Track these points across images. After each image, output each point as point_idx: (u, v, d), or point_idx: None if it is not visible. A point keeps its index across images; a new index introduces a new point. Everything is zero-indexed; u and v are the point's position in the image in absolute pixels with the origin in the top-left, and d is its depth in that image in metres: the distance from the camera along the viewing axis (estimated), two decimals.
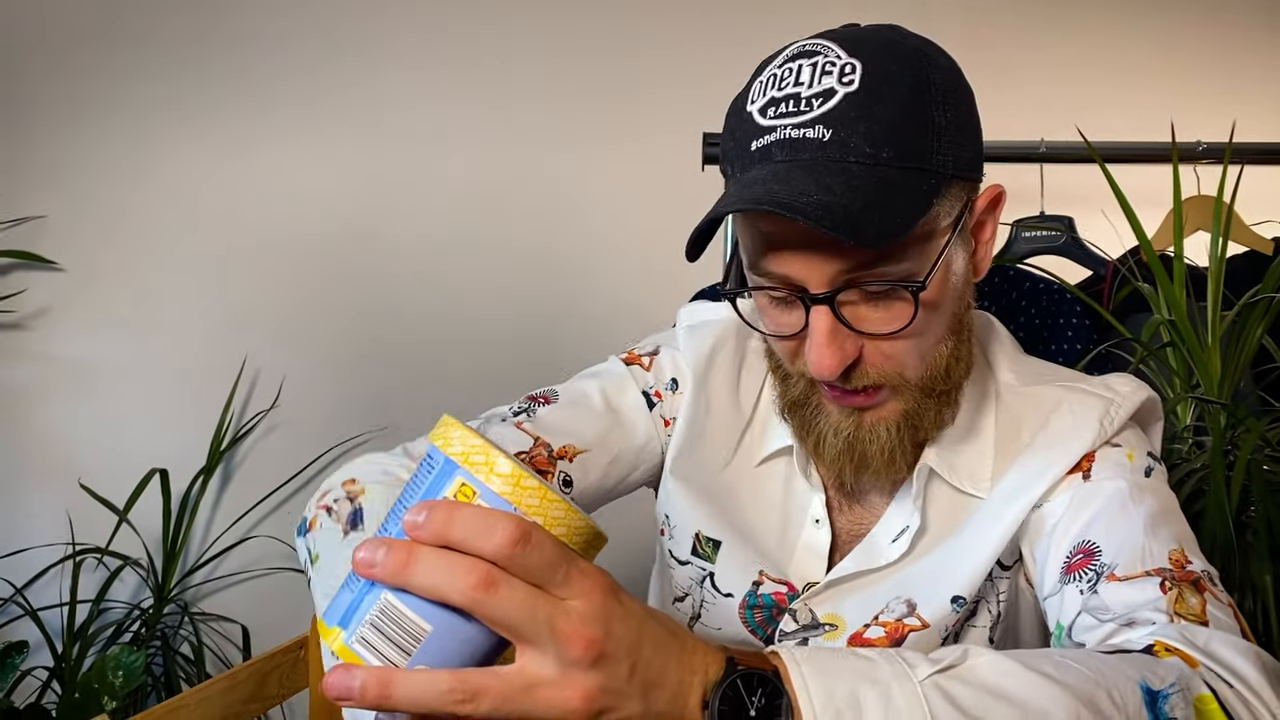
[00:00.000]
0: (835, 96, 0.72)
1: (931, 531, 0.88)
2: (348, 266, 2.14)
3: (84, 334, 2.16)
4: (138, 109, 2.16)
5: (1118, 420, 0.86)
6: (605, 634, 0.48)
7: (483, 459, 0.49)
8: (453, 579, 0.46)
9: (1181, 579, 0.72)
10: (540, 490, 0.49)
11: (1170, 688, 0.58)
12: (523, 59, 2.13)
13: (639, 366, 1.01)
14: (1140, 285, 1.37)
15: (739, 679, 0.52)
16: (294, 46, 2.15)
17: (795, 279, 0.75)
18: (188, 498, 2.10)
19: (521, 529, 0.47)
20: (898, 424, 0.81)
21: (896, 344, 0.77)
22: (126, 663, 1.49)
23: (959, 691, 0.54)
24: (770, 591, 0.91)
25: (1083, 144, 1.49)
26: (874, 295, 0.75)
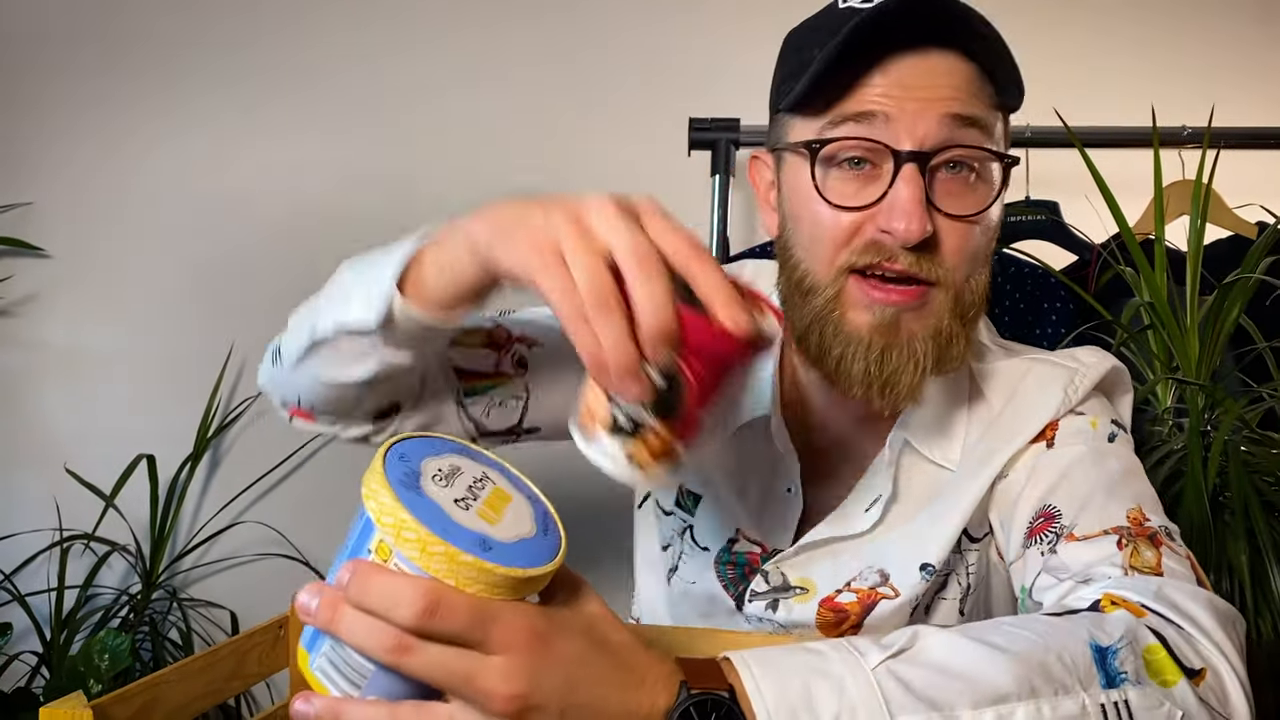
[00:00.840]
0: None
1: (903, 501, 0.89)
2: (335, 253, 2.13)
3: (71, 321, 2.16)
4: (125, 96, 2.15)
5: (1081, 389, 0.87)
6: (529, 687, 0.49)
7: (391, 520, 0.50)
8: (374, 640, 0.49)
9: (1138, 535, 0.73)
10: (447, 553, 0.49)
11: (1119, 642, 0.59)
12: (505, 45, 2.13)
13: None
14: (1122, 269, 1.37)
15: (692, 706, 0.52)
16: (283, 37, 2.15)
17: (894, 126, 0.75)
18: (175, 484, 2.10)
19: (429, 600, 0.48)
20: (930, 341, 0.79)
21: (963, 237, 0.77)
22: (113, 646, 1.50)
23: (910, 674, 0.54)
24: (744, 550, 0.92)
25: (1072, 129, 1.50)
26: (955, 175, 0.77)
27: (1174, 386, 1.30)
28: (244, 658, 0.92)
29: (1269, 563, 1.07)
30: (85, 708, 0.67)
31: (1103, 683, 0.57)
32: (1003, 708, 0.54)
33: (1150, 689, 0.58)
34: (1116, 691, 0.57)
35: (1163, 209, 1.35)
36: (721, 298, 0.55)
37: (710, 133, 1.67)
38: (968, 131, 0.75)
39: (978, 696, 0.54)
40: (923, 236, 0.75)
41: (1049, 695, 0.55)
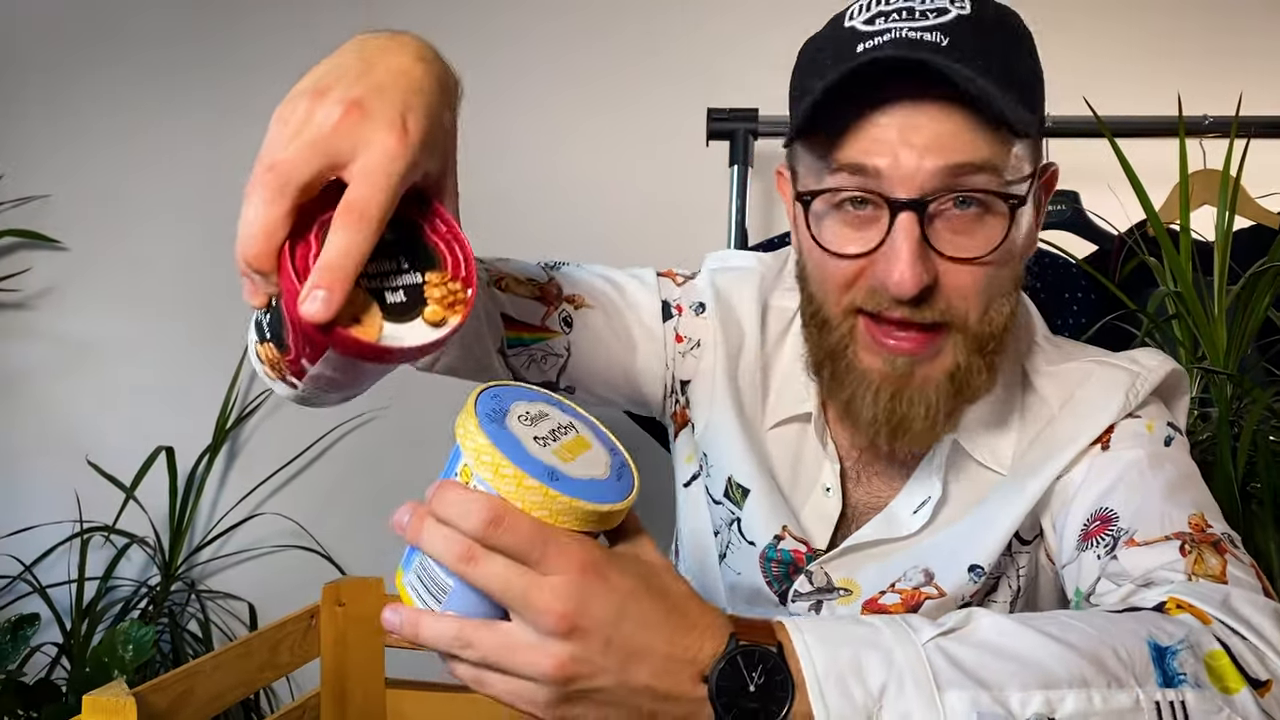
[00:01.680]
0: (950, 14, 0.73)
1: (952, 504, 0.88)
2: None
3: (89, 313, 2.17)
4: (141, 88, 2.16)
5: (1142, 393, 0.85)
6: (578, 609, 0.52)
7: (473, 445, 0.55)
8: (445, 548, 0.53)
9: (1201, 541, 0.71)
10: (516, 476, 0.53)
11: (1179, 644, 0.58)
12: (522, 34, 2.13)
13: (670, 280, 1.00)
14: (1147, 258, 1.37)
15: (739, 655, 0.53)
16: (297, 28, 2.15)
17: (887, 177, 0.72)
18: (194, 476, 2.10)
19: (494, 514, 0.52)
20: (945, 384, 0.78)
21: (973, 276, 0.74)
22: (136, 637, 1.50)
23: (961, 652, 0.55)
24: (790, 548, 0.91)
25: (1088, 118, 1.49)
26: (962, 215, 0.73)
27: (1200, 376, 1.30)
28: (276, 648, 0.93)
29: None
30: (128, 695, 0.67)
31: (1159, 681, 0.56)
32: (1052, 693, 0.53)
33: (1210, 693, 0.57)
34: (1174, 691, 0.56)
35: (1188, 198, 1.34)
36: (318, 276, 0.52)
37: (728, 123, 1.66)
38: (970, 177, 0.72)
39: (1027, 679, 0.54)
40: (917, 290, 0.72)
41: (1101, 686, 0.54)
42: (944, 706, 0.52)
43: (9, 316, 2.16)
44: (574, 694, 0.52)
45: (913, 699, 0.52)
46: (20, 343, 2.17)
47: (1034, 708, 0.53)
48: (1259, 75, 1.98)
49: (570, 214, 2.12)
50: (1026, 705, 0.53)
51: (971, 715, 0.52)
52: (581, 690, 0.52)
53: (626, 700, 0.53)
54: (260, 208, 0.56)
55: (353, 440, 2.10)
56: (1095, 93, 1.61)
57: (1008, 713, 0.53)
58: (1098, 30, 2.05)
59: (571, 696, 0.53)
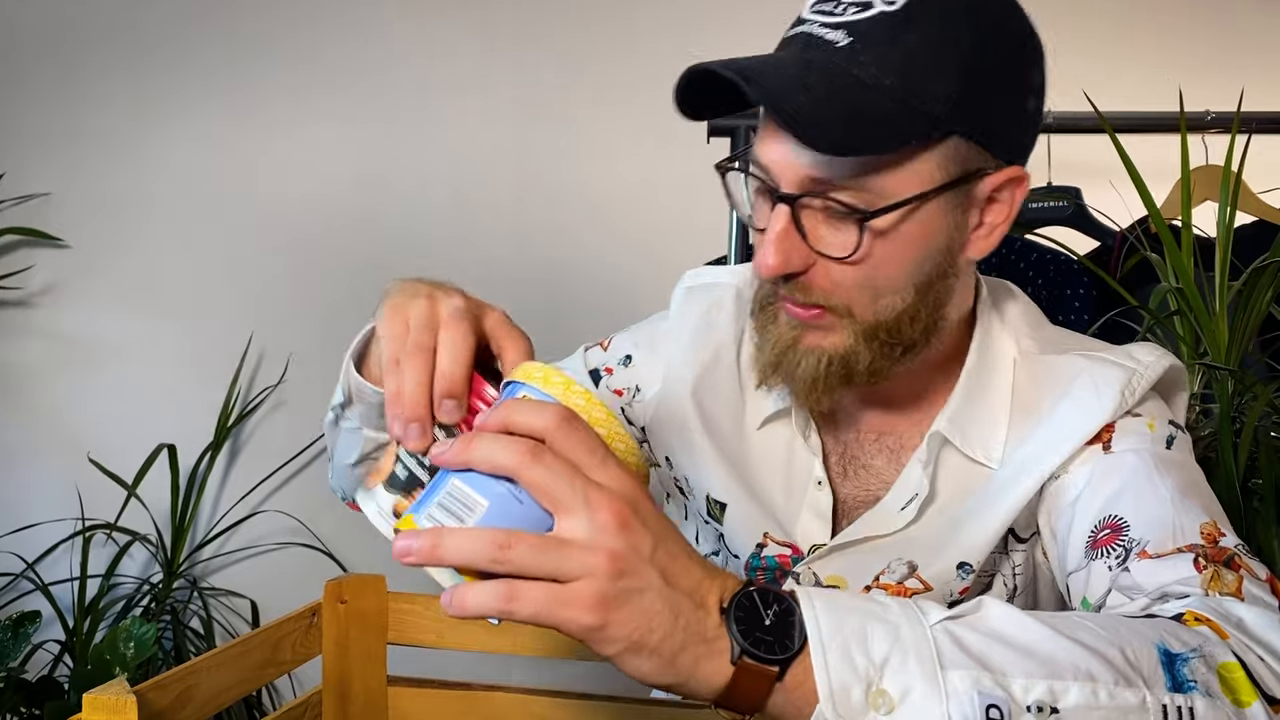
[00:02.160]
0: (870, 10, 0.73)
1: (941, 499, 0.87)
2: (352, 243, 2.14)
3: (90, 311, 2.17)
4: (143, 86, 2.16)
5: (1139, 390, 0.84)
6: (632, 510, 0.53)
7: (540, 374, 0.58)
8: (505, 448, 0.53)
9: (1215, 556, 0.70)
10: (586, 394, 0.58)
11: (1191, 652, 0.57)
12: (521, 32, 2.13)
13: (598, 349, 1.05)
14: (1149, 255, 1.37)
15: (755, 592, 0.55)
16: (299, 27, 2.15)
17: (773, 172, 0.77)
18: (195, 473, 2.11)
19: (567, 411, 0.55)
20: (830, 358, 0.81)
21: (845, 273, 0.77)
22: (138, 634, 1.50)
23: (967, 636, 0.54)
24: (774, 554, 0.91)
25: (1089, 114, 1.49)
26: (833, 215, 0.76)
27: (1202, 372, 1.29)
28: (277, 645, 0.93)
29: None
30: (129, 693, 0.67)
31: (1169, 685, 0.55)
32: (1056, 683, 0.53)
33: (1221, 703, 0.56)
34: (1183, 697, 0.55)
35: (1189, 193, 1.34)
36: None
37: (729, 119, 1.66)
38: (836, 187, 0.75)
39: (1032, 668, 0.53)
40: (779, 271, 0.77)
41: (1108, 683, 0.54)
42: (945, 684, 0.52)
43: (10, 314, 2.16)
44: (621, 592, 0.52)
45: (914, 673, 0.52)
46: (21, 341, 2.17)
47: (1036, 695, 0.53)
48: (1261, 70, 1.97)
49: (570, 214, 2.12)
50: (1029, 692, 0.53)
51: (973, 694, 0.52)
52: (628, 589, 0.52)
53: (667, 608, 0.52)
54: (456, 343, 0.63)
55: None
56: (1097, 88, 1.61)
57: (1009, 696, 0.52)
58: (1100, 25, 2.04)
59: (619, 595, 0.51)
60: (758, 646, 0.53)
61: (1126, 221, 1.60)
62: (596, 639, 0.52)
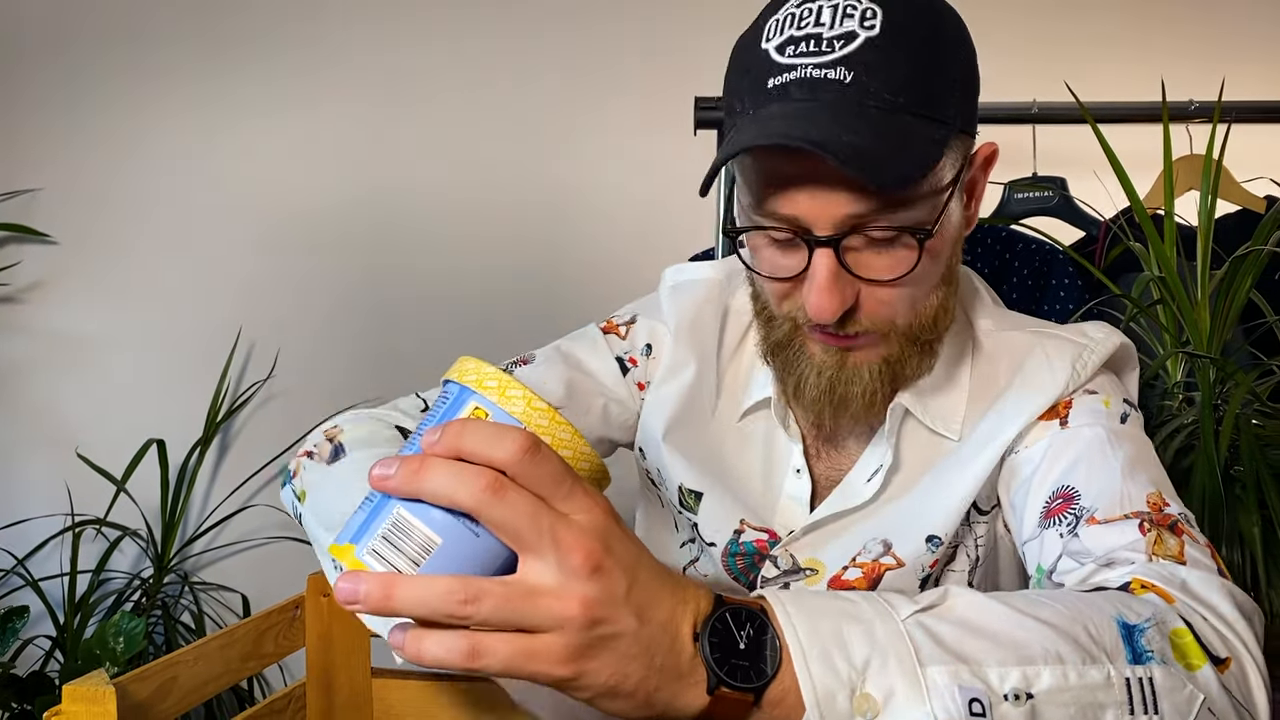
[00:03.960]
0: (857, 40, 0.73)
1: (905, 471, 0.90)
2: (342, 237, 2.14)
3: (79, 306, 2.17)
4: (130, 82, 2.16)
5: (1090, 365, 0.87)
6: (605, 549, 0.49)
7: (495, 384, 0.52)
8: (462, 483, 0.48)
9: (1159, 522, 0.73)
10: (550, 412, 0.52)
11: (1146, 622, 0.59)
12: (510, 26, 2.12)
13: (615, 335, 1.03)
14: (1132, 244, 1.37)
15: (728, 613, 0.53)
16: (286, 18, 2.14)
17: (802, 220, 0.75)
18: (185, 468, 2.11)
19: (531, 439, 0.49)
20: (880, 367, 0.81)
21: (893, 291, 0.78)
22: (127, 629, 1.50)
23: (939, 628, 0.55)
24: (751, 539, 0.92)
25: (1075, 105, 1.49)
26: (877, 242, 0.76)
27: (1184, 361, 1.30)
28: (260, 638, 0.93)
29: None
30: (107, 685, 0.68)
31: (1129, 658, 0.57)
32: (1029, 669, 0.54)
33: (1175, 670, 0.58)
34: (1142, 668, 0.56)
35: (1172, 183, 1.34)
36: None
37: (716, 112, 1.65)
38: (877, 216, 0.74)
39: (1004, 655, 0.54)
40: (839, 313, 0.76)
41: (1076, 662, 0.55)
42: (926, 681, 0.52)
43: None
44: (595, 641, 0.49)
45: (895, 674, 0.52)
46: (10, 337, 2.17)
47: (1012, 683, 0.53)
48: (1242, 60, 1.98)
49: (560, 206, 2.12)
50: (1005, 680, 0.53)
51: (953, 689, 0.52)
52: (602, 636, 0.49)
53: (643, 651, 0.50)
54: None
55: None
56: (1081, 79, 1.61)
57: (987, 687, 0.53)
58: (1083, 16, 2.05)
59: (593, 644, 0.49)
60: (733, 675, 0.51)
61: (1111, 211, 1.60)
62: (569, 688, 0.50)
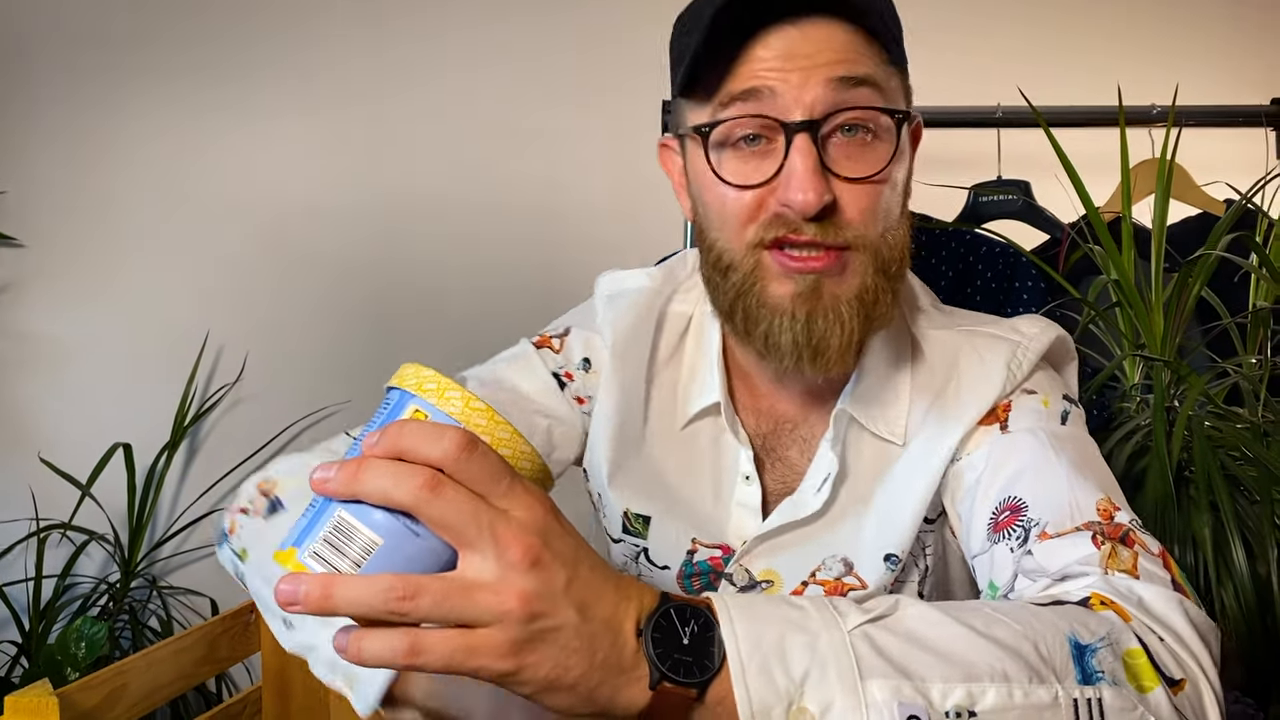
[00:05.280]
0: None
1: (854, 480, 0.88)
2: (310, 241, 2.14)
3: (45, 310, 2.15)
4: (99, 86, 2.14)
5: (1025, 364, 0.86)
6: (543, 543, 0.50)
7: (434, 386, 0.53)
8: (400, 481, 0.48)
9: (1111, 534, 0.72)
10: (488, 411, 0.52)
11: (1099, 641, 0.59)
12: (475, 39, 2.12)
13: (549, 349, 1.01)
14: (1090, 248, 1.38)
15: (672, 609, 0.53)
16: (257, 24, 2.14)
17: (780, 98, 0.75)
18: (153, 472, 2.09)
19: (468, 437, 0.49)
20: (855, 301, 0.78)
21: (870, 197, 0.77)
22: (89, 634, 1.50)
23: (885, 640, 0.54)
24: (705, 557, 0.91)
25: (1040, 109, 1.50)
26: (850, 137, 0.76)
27: (1141, 363, 1.31)
28: (215, 642, 0.93)
29: (1231, 535, 1.08)
30: (50, 695, 0.67)
31: (1079, 678, 0.56)
32: (974, 686, 0.54)
33: (1126, 691, 0.57)
34: (1091, 689, 0.56)
35: (1129, 188, 1.36)
36: None
37: None
38: (857, 92, 0.75)
39: (949, 671, 0.54)
40: (821, 205, 0.74)
41: (1023, 681, 0.54)
42: (865, 695, 0.52)
43: None
44: (535, 634, 0.49)
45: (834, 687, 0.52)
46: None
47: (955, 700, 0.53)
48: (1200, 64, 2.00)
49: (529, 212, 2.12)
50: (948, 697, 0.53)
51: (893, 705, 0.52)
52: (542, 630, 0.49)
53: (584, 645, 0.50)
54: None
55: (313, 434, 2.10)
56: (1042, 83, 1.62)
57: (928, 703, 0.53)
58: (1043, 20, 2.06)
59: (533, 638, 0.49)
60: (676, 670, 0.51)
61: (1074, 214, 1.62)
62: (510, 683, 0.50)
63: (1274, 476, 1.10)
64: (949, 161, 1.87)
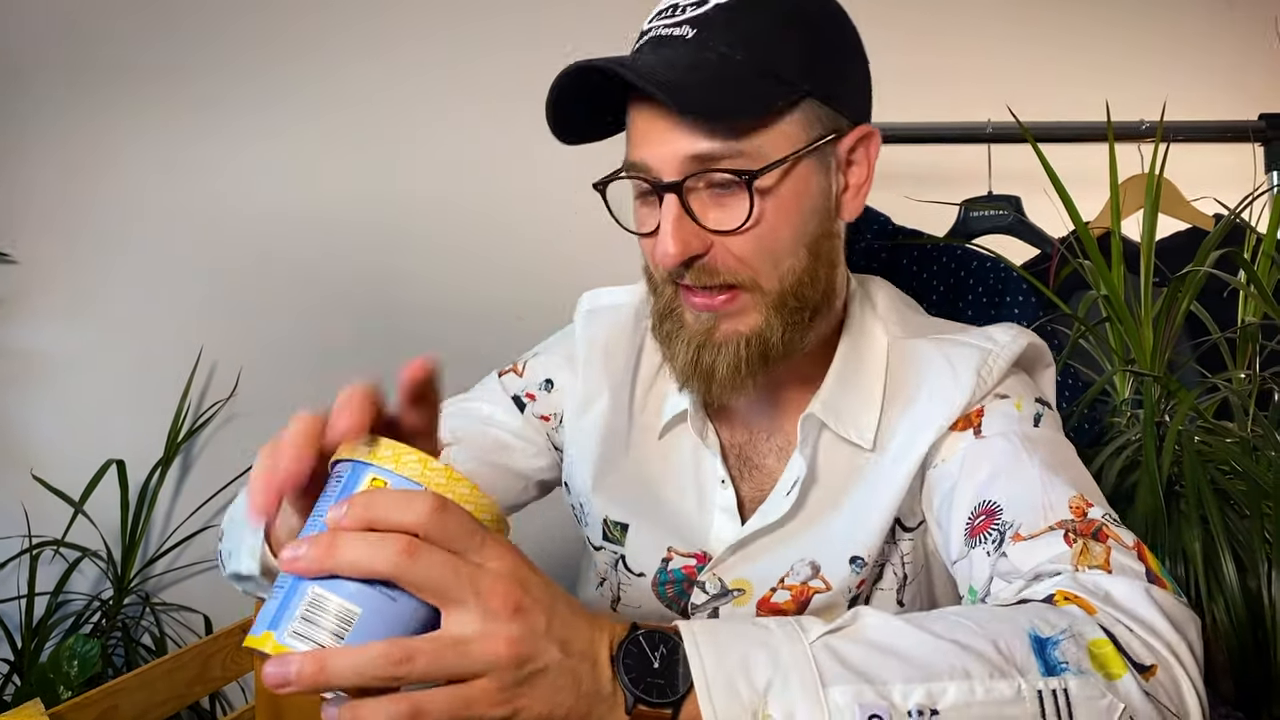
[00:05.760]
0: (708, 5, 0.79)
1: (824, 485, 0.90)
2: (303, 257, 2.14)
3: (37, 325, 2.14)
4: (89, 100, 2.14)
5: (996, 370, 0.87)
6: (522, 590, 0.52)
7: (389, 453, 0.54)
8: (377, 551, 0.50)
9: (1083, 530, 0.73)
10: (446, 470, 0.54)
11: (1061, 634, 0.60)
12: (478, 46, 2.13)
13: (512, 374, 1.06)
14: (1080, 263, 1.39)
15: (641, 636, 0.55)
16: (244, 40, 2.14)
17: (651, 167, 0.80)
18: (146, 488, 2.09)
19: (438, 498, 0.51)
20: (748, 339, 0.83)
21: (745, 244, 0.80)
22: (82, 652, 1.49)
23: (846, 649, 0.56)
24: (680, 566, 0.92)
25: (1030, 125, 1.51)
26: (719, 193, 0.80)
27: (1131, 378, 1.32)
28: (208, 662, 0.93)
29: (1221, 550, 1.08)
30: (43, 714, 0.67)
31: (1042, 670, 0.57)
32: (934, 685, 0.55)
33: (1093, 679, 0.58)
34: (1056, 680, 0.57)
35: (1119, 203, 1.36)
36: None
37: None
38: (713, 160, 0.78)
39: (910, 673, 0.55)
40: (683, 258, 0.80)
41: (983, 677, 0.56)
42: (827, 701, 0.54)
43: None
44: (526, 677, 0.51)
45: (797, 694, 0.54)
46: None
47: (916, 699, 0.55)
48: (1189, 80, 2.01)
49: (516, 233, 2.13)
50: (908, 697, 0.55)
51: (854, 708, 0.54)
52: (532, 672, 0.51)
53: (570, 680, 0.53)
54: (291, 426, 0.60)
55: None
56: (1033, 99, 1.64)
57: (890, 705, 0.54)
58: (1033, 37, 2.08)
59: (524, 680, 0.51)
60: (649, 692, 0.54)
61: (1064, 228, 1.63)
62: None
63: (1264, 491, 1.10)
64: (941, 177, 1.89)
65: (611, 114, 0.85)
